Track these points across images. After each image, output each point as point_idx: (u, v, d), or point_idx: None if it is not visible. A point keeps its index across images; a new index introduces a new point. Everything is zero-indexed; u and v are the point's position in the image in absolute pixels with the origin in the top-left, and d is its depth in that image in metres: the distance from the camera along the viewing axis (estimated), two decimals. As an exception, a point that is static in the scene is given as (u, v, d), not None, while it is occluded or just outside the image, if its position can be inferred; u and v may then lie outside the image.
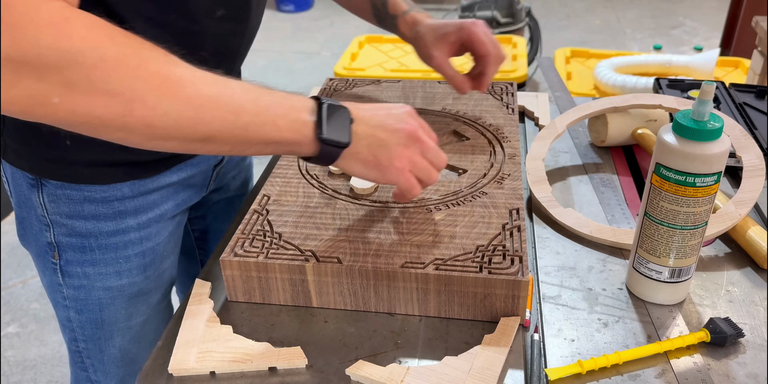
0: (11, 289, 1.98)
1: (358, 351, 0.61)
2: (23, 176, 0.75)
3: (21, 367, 1.69)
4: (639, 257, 0.65)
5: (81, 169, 0.72)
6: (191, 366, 0.59)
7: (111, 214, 0.76)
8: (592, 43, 3.71)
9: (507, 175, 0.77)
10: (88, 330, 0.82)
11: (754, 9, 2.46)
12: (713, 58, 2.11)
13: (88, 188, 0.74)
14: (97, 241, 0.77)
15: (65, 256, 0.77)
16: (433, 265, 0.63)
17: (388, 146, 0.61)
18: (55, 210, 0.75)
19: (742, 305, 0.66)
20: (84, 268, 0.78)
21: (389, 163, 0.61)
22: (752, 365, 0.58)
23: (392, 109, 0.63)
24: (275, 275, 0.65)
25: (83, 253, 0.77)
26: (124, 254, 0.78)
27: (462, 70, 0.86)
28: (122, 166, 0.74)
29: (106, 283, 0.79)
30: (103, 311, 0.81)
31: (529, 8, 2.97)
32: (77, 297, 0.80)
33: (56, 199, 0.74)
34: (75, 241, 0.76)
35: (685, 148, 0.57)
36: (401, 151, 0.62)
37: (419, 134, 0.62)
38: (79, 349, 0.85)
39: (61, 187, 0.73)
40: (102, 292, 0.80)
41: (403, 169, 0.62)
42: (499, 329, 0.62)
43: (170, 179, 0.79)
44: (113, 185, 0.74)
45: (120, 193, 0.75)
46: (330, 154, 0.60)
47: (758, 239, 0.71)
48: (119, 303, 0.81)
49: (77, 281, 0.79)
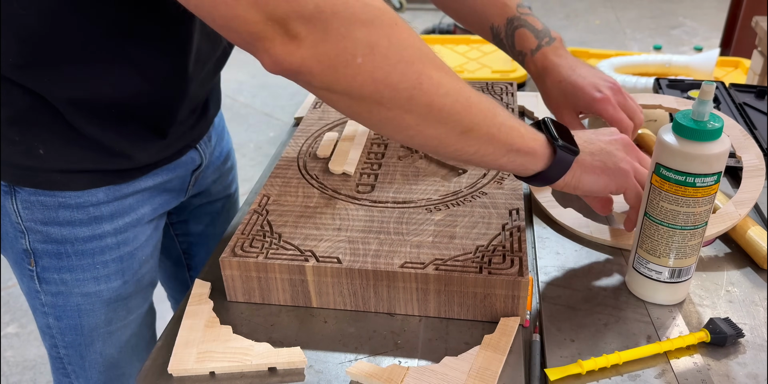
0: (11, 290, 1.97)
1: (358, 351, 0.61)
2: None
3: (20, 368, 1.69)
4: (639, 257, 0.65)
5: (55, 176, 0.71)
6: (191, 366, 0.59)
7: (86, 220, 0.74)
8: (592, 43, 3.71)
9: (507, 175, 0.77)
10: (69, 336, 0.81)
11: (754, 9, 2.46)
12: (713, 58, 2.10)
13: (62, 194, 0.72)
14: (73, 247, 0.75)
15: (41, 262, 0.76)
16: (432, 265, 0.63)
17: (610, 152, 0.64)
18: (29, 217, 0.73)
19: (742, 305, 0.66)
20: (61, 274, 0.77)
21: (615, 166, 0.64)
22: (752, 365, 0.58)
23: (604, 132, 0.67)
24: (275, 275, 0.65)
25: (59, 260, 0.76)
26: (101, 260, 0.77)
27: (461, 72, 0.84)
28: (97, 172, 0.72)
29: (84, 289, 0.78)
30: (83, 317, 0.80)
31: (529, 8, 2.97)
32: (55, 303, 0.79)
33: (30, 206, 0.73)
34: (51, 248, 0.75)
35: (685, 148, 0.57)
36: (624, 155, 0.65)
37: (630, 143, 0.66)
38: (60, 355, 0.83)
39: (34, 194, 0.72)
40: (80, 298, 0.78)
41: (629, 171, 0.64)
42: (499, 329, 0.62)
43: (146, 184, 0.78)
44: (88, 191, 0.73)
45: (95, 198, 0.74)
46: (563, 163, 0.61)
47: (758, 239, 0.71)
48: (98, 309, 0.80)
49: (55, 288, 0.78)
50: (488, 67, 2.35)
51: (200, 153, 0.85)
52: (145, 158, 0.75)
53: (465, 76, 2.21)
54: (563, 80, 0.78)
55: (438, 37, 2.62)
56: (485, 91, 0.99)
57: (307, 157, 0.83)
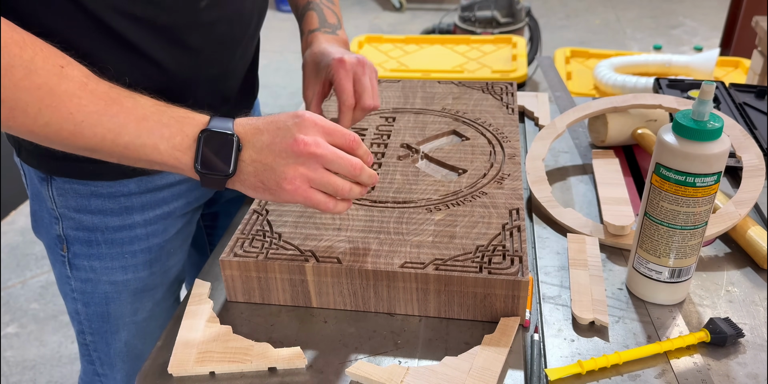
0: (11, 290, 1.97)
1: (358, 351, 0.61)
2: (35, 171, 0.76)
3: (20, 368, 1.69)
4: (639, 257, 0.65)
5: (87, 166, 0.72)
6: (191, 366, 0.59)
7: (117, 210, 0.76)
8: (592, 43, 3.71)
9: (507, 175, 0.77)
10: (95, 323, 0.83)
11: (754, 9, 2.46)
12: (713, 58, 2.11)
13: (94, 183, 0.74)
14: (103, 236, 0.77)
15: (73, 249, 0.78)
16: (432, 265, 0.63)
17: (274, 170, 0.58)
18: (64, 203, 0.75)
19: (742, 305, 0.66)
20: (91, 261, 0.79)
21: (277, 186, 0.58)
22: (752, 365, 0.58)
23: (285, 122, 0.58)
24: (275, 275, 0.65)
25: (90, 247, 0.78)
26: (130, 249, 0.79)
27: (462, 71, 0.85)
28: None
29: (112, 278, 0.80)
30: (109, 305, 0.81)
31: (528, 8, 2.97)
32: (84, 290, 0.81)
33: (64, 193, 0.75)
34: (82, 235, 0.77)
35: (685, 148, 0.57)
36: (292, 171, 0.57)
37: (312, 150, 0.57)
38: (87, 341, 0.85)
39: (68, 182, 0.74)
40: (108, 286, 0.80)
41: (297, 189, 0.58)
42: (499, 329, 0.61)
43: (179, 177, 0.79)
44: (120, 181, 0.75)
45: (126, 189, 0.75)
46: (213, 183, 0.58)
47: (758, 239, 0.71)
48: (125, 297, 0.81)
49: (84, 274, 0.80)
50: (488, 67, 2.35)
51: None
52: None
53: (465, 76, 2.21)
54: (317, 51, 0.79)
55: (438, 37, 2.62)
56: (485, 92, 0.99)
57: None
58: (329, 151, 0.58)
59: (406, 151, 0.84)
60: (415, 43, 2.57)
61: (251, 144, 0.58)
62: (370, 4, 4.53)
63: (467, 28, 2.91)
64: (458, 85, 1.01)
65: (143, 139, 0.56)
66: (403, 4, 4.37)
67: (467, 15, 2.92)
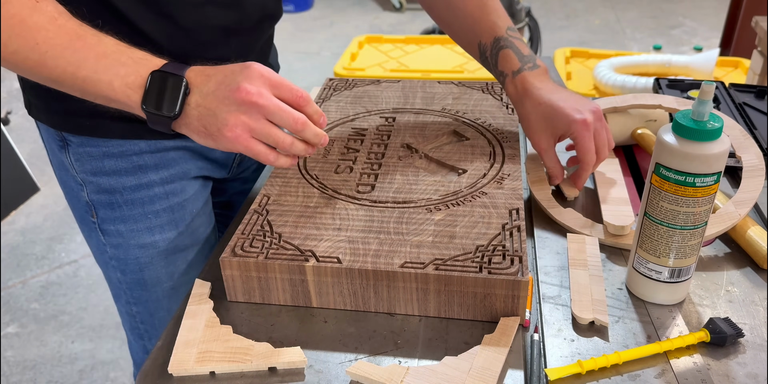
0: (11, 289, 1.98)
1: (358, 351, 0.61)
2: (52, 138, 0.77)
3: (21, 367, 1.69)
4: (639, 257, 0.65)
5: (84, 120, 0.73)
6: (191, 366, 0.59)
7: (131, 169, 0.76)
8: (592, 43, 3.71)
9: (507, 175, 0.77)
10: (136, 291, 0.83)
11: (753, 9, 2.46)
12: (713, 58, 2.11)
13: (105, 143, 0.75)
14: (122, 197, 0.77)
15: (100, 214, 0.79)
16: (432, 265, 0.63)
17: (216, 115, 0.60)
18: (81, 168, 0.76)
19: (742, 305, 0.66)
20: (116, 225, 0.79)
21: (219, 133, 0.60)
22: (752, 365, 0.58)
23: (233, 72, 0.61)
24: (275, 275, 0.65)
25: (113, 210, 0.78)
26: (152, 209, 0.79)
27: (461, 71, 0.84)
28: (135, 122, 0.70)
29: (140, 240, 0.80)
30: (144, 271, 0.81)
31: (528, 8, 2.97)
32: (118, 256, 0.81)
33: (80, 158, 0.76)
34: (104, 198, 0.78)
35: (684, 148, 0.57)
36: (234, 119, 0.59)
37: (254, 99, 0.59)
38: (132, 312, 0.86)
39: (81, 145, 0.75)
40: (138, 251, 0.80)
41: (238, 137, 0.60)
42: (499, 329, 0.62)
43: (189, 143, 0.79)
44: (130, 140, 0.75)
45: (137, 147, 0.76)
46: (158, 124, 0.62)
47: (758, 239, 0.71)
48: (157, 261, 0.81)
49: (114, 240, 0.80)
50: (488, 67, 2.35)
51: None
52: None
53: (465, 76, 2.21)
54: (543, 103, 0.76)
55: (438, 38, 2.62)
56: (485, 92, 0.99)
57: (307, 157, 0.83)
58: (272, 102, 0.60)
59: (406, 151, 0.84)
60: (415, 43, 2.57)
61: (198, 89, 0.61)
62: (370, 5, 4.54)
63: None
64: (458, 85, 1.01)
65: (99, 74, 0.59)
66: (403, 5, 4.37)
67: (467, 15, 2.92)
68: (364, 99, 0.98)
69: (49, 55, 0.58)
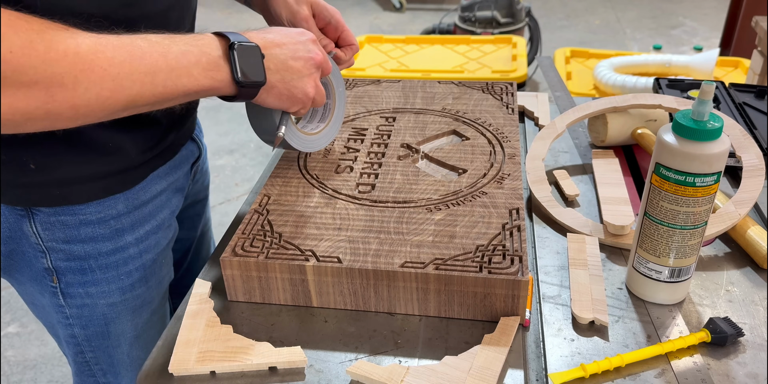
0: (11, 289, 1.98)
1: (358, 351, 0.61)
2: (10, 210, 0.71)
3: (21, 367, 1.69)
4: (639, 257, 0.65)
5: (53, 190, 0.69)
6: (191, 366, 0.59)
7: (109, 234, 0.74)
8: (592, 43, 3.71)
9: (507, 175, 0.77)
10: (95, 341, 0.81)
11: (753, 9, 2.46)
12: (713, 58, 2.11)
13: (82, 211, 0.71)
14: (96, 262, 0.75)
15: (65, 279, 0.75)
16: (433, 264, 0.63)
17: (301, 79, 0.65)
18: (50, 237, 0.72)
19: (742, 305, 0.66)
20: (86, 288, 0.76)
21: (303, 93, 0.66)
22: (752, 365, 0.58)
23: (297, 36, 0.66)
24: (275, 275, 0.65)
25: (83, 275, 0.75)
26: (125, 270, 0.77)
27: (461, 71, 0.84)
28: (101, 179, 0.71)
29: (110, 300, 0.78)
30: (109, 325, 0.80)
31: (529, 8, 2.97)
32: (81, 315, 0.78)
33: (50, 227, 0.72)
34: (74, 265, 0.74)
35: (684, 148, 0.57)
36: (312, 81, 0.67)
37: (323, 63, 0.68)
38: (87, 359, 0.83)
39: (53, 214, 0.71)
40: (106, 308, 0.78)
41: (311, 98, 0.67)
42: (499, 329, 0.62)
43: (161, 186, 0.78)
44: (109, 204, 0.72)
45: (115, 211, 0.73)
46: (248, 94, 0.62)
47: (758, 239, 0.71)
48: (124, 316, 0.80)
49: (80, 301, 0.77)
50: (488, 67, 2.35)
51: (198, 143, 0.86)
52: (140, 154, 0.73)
53: (465, 76, 2.22)
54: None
55: (438, 37, 2.62)
56: (485, 92, 0.99)
57: (307, 157, 0.83)
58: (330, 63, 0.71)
59: (406, 151, 0.84)
60: (416, 43, 2.57)
61: (274, 55, 0.63)
62: (370, 5, 4.54)
63: (467, 28, 2.91)
64: (458, 85, 1.01)
65: (176, 71, 0.56)
66: (403, 5, 4.37)
67: (467, 15, 2.93)
68: (364, 99, 0.98)
69: (122, 75, 0.52)
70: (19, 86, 0.47)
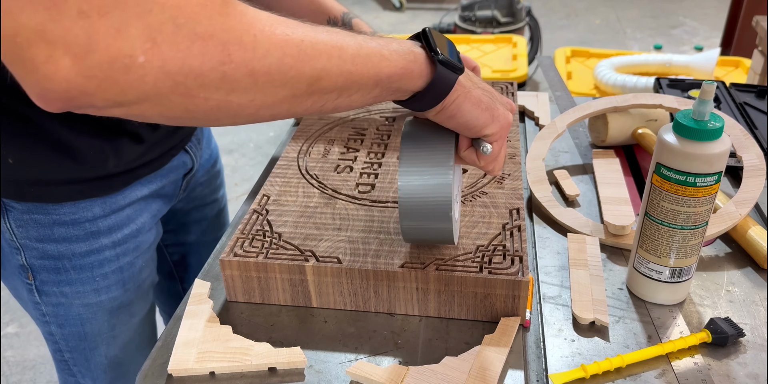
0: (11, 289, 1.97)
1: (358, 351, 0.61)
2: None
3: (20, 367, 1.69)
4: (639, 257, 0.65)
5: (31, 188, 0.68)
6: (191, 366, 0.59)
7: (83, 236, 0.73)
8: (593, 43, 3.71)
9: (507, 175, 0.77)
10: (72, 342, 0.80)
11: (754, 9, 2.46)
12: (713, 58, 2.11)
13: (56, 211, 0.70)
14: (71, 262, 0.74)
15: (39, 277, 0.75)
16: (433, 265, 0.63)
17: (493, 94, 0.58)
18: (24, 234, 0.72)
19: (743, 305, 0.65)
20: (60, 287, 0.75)
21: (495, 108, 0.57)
22: (753, 365, 0.58)
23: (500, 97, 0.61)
24: (275, 275, 0.65)
25: (58, 274, 0.74)
26: (100, 272, 0.76)
27: None
28: (77, 183, 0.70)
29: (85, 301, 0.77)
30: (85, 325, 0.79)
31: (529, 8, 2.97)
32: (57, 313, 0.78)
33: (24, 224, 0.71)
34: (48, 263, 0.74)
35: (685, 147, 0.57)
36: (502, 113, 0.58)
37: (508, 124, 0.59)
38: (65, 358, 0.83)
39: (27, 212, 0.70)
40: (82, 309, 0.77)
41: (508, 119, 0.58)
42: (499, 329, 0.61)
43: (141, 193, 0.77)
44: (84, 206, 0.71)
45: (90, 213, 0.72)
46: (445, 81, 0.53)
47: (759, 239, 0.71)
48: (100, 317, 0.79)
49: (55, 299, 0.76)
50: (488, 66, 2.35)
51: (191, 156, 0.84)
52: (121, 165, 0.72)
53: (465, 76, 2.21)
54: None
55: (438, 37, 2.62)
56: (485, 91, 0.99)
57: (307, 157, 0.83)
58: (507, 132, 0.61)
59: (406, 150, 0.84)
60: (416, 42, 2.57)
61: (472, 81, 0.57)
62: (370, 4, 4.53)
63: (467, 27, 2.91)
64: (458, 85, 1.01)
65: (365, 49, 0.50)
66: (403, 4, 4.37)
67: (467, 15, 2.93)
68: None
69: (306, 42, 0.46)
70: (194, 38, 0.40)
